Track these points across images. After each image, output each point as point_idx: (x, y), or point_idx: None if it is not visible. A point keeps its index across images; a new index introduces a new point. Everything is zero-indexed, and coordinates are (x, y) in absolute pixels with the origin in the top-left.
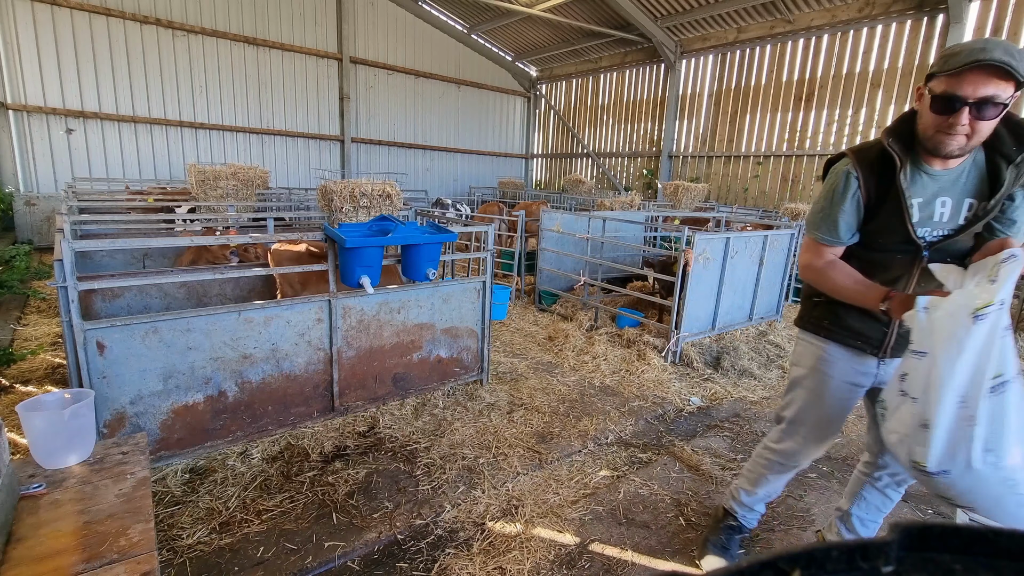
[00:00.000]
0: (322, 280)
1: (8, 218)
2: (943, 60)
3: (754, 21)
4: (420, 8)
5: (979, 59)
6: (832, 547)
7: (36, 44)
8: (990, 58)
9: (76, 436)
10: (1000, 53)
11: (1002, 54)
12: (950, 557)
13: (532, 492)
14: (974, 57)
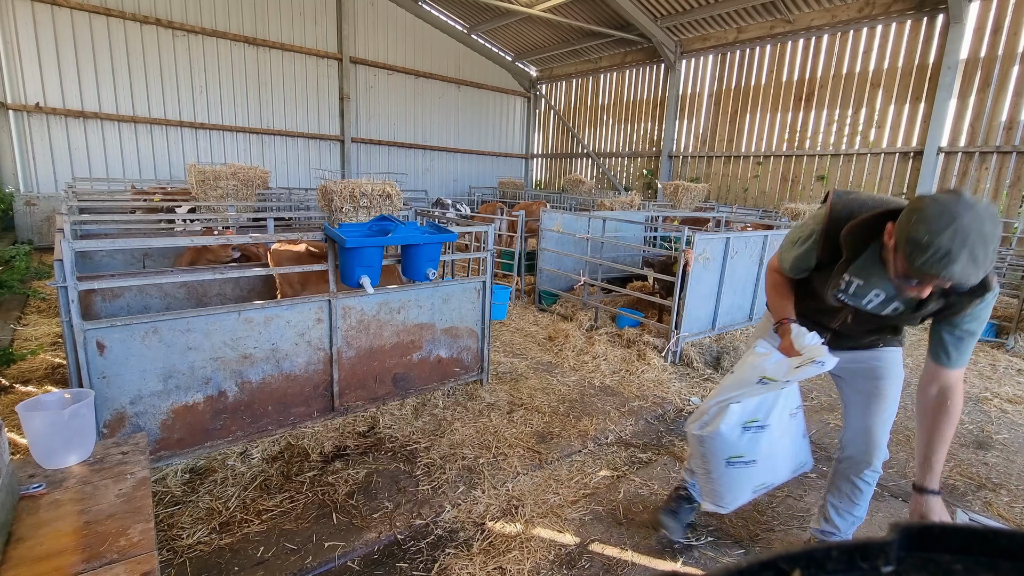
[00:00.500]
0: (322, 280)
1: (8, 218)
2: (909, 246)
3: (754, 21)
4: (420, 8)
5: (940, 275)
6: (832, 547)
7: (36, 44)
8: (950, 277)
9: (76, 436)
10: (960, 269)
11: (962, 270)
12: (950, 557)
13: (532, 492)
14: (936, 272)
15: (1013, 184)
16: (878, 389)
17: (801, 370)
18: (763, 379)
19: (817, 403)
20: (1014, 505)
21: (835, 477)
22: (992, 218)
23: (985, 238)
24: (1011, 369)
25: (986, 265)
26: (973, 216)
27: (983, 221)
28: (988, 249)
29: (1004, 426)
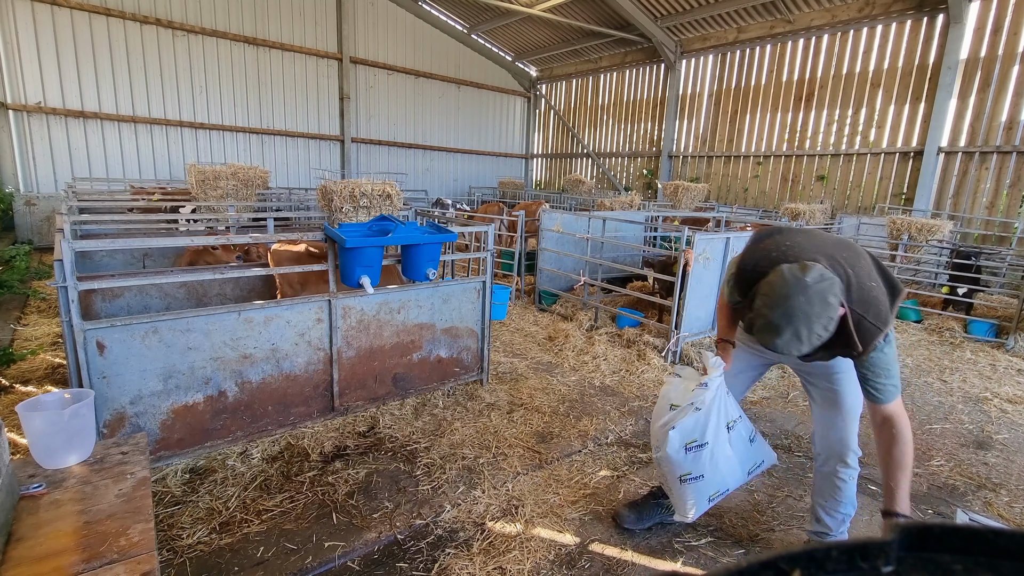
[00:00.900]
0: (322, 280)
1: (8, 218)
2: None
3: (754, 21)
4: (420, 8)
5: (767, 344)
6: (832, 547)
7: (36, 44)
8: (773, 347)
9: (76, 436)
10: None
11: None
12: (950, 557)
13: (532, 492)
14: (763, 340)
15: (1013, 184)
16: (836, 387)
17: (694, 392)
18: (672, 405)
19: None
20: (1014, 505)
21: (816, 477)
22: (821, 299)
23: (809, 319)
24: (1011, 369)
25: (811, 341)
26: (804, 299)
27: (812, 304)
28: (812, 328)
29: (1004, 426)
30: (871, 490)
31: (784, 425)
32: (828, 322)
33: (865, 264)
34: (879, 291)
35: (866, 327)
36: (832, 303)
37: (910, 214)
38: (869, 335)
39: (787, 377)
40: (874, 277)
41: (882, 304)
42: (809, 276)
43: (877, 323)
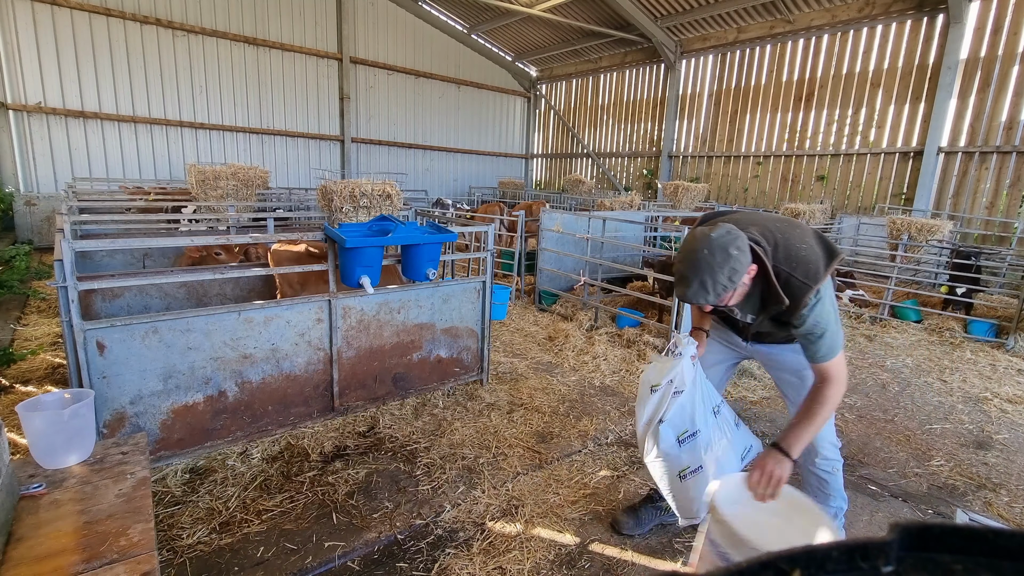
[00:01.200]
0: (322, 280)
1: (8, 218)
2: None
3: (754, 21)
4: (420, 8)
5: (682, 296)
6: (832, 547)
7: (36, 44)
8: (685, 298)
9: (76, 436)
10: (692, 292)
11: (693, 293)
12: (950, 557)
13: (532, 492)
14: (678, 292)
15: (1013, 184)
16: (803, 380)
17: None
18: (652, 387)
19: None
20: (1014, 505)
21: (802, 474)
22: (722, 250)
23: (712, 269)
24: (1011, 369)
25: (716, 290)
26: (708, 251)
27: (714, 254)
28: (716, 278)
29: (1004, 426)
30: (871, 490)
31: (784, 425)
32: (732, 273)
33: (800, 232)
34: (810, 252)
35: (795, 284)
36: (733, 254)
37: (910, 214)
38: (799, 291)
39: None
40: (807, 242)
41: (812, 263)
42: (714, 232)
43: (806, 280)
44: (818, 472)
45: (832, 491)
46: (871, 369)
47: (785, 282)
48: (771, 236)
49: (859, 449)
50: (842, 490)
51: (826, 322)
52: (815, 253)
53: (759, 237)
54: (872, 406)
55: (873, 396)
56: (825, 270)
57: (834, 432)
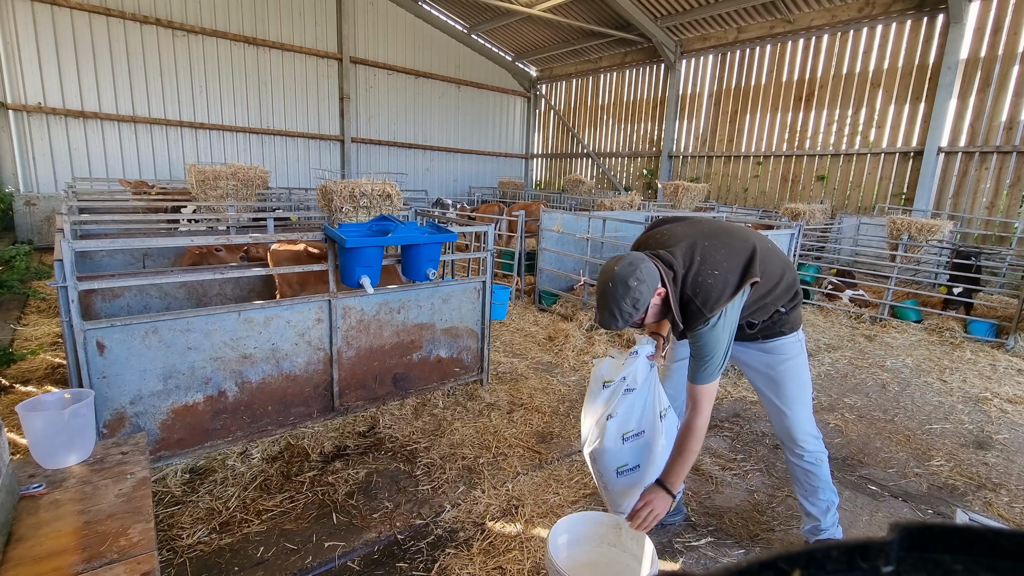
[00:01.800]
0: (321, 280)
1: (8, 218)
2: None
3: (754, 21)
4: (420, 8)
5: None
6: (832, 547)
7: (36, 44)
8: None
9: (76, 436)
10: (603, 319)
11: (604, 320)
12: (950, 557)
13: (532, 492)
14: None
15: (1013, 184)
16: (775, 377)
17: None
18: (604, 383)
19: (816, 403)
20: (1014, 505)
21: (789, 469)
22: (623, 283)
23: (616, 299)
24: (1011, 369)
25: (623, 317)
26: (611, 284)
27: (616, 287)
28: (621, 307)
29: (1004, 426)
30: (871, 490)
31: None
32: (635, 301)
33: (726, 254)
34: (719, 280)
35: (692, 309)
36: (632, 285)
37: (910, 214)
38: (693, 317)
39: None
40: (724, 267)
41: (714, 293)
42: (618, 265)
43: (703, 309)
44: (803, 465)
45: (820, 483)
46: (871, 369)
47: (685, 306)
48: (690, 257)
49: (859, 449)
50: (830, 482)
51: (711, 350)
52: (725, 281)
53: (676, 259)
54: (872, 406)
55: (873, 396)
56: (727, 299)
57: (814, 423)
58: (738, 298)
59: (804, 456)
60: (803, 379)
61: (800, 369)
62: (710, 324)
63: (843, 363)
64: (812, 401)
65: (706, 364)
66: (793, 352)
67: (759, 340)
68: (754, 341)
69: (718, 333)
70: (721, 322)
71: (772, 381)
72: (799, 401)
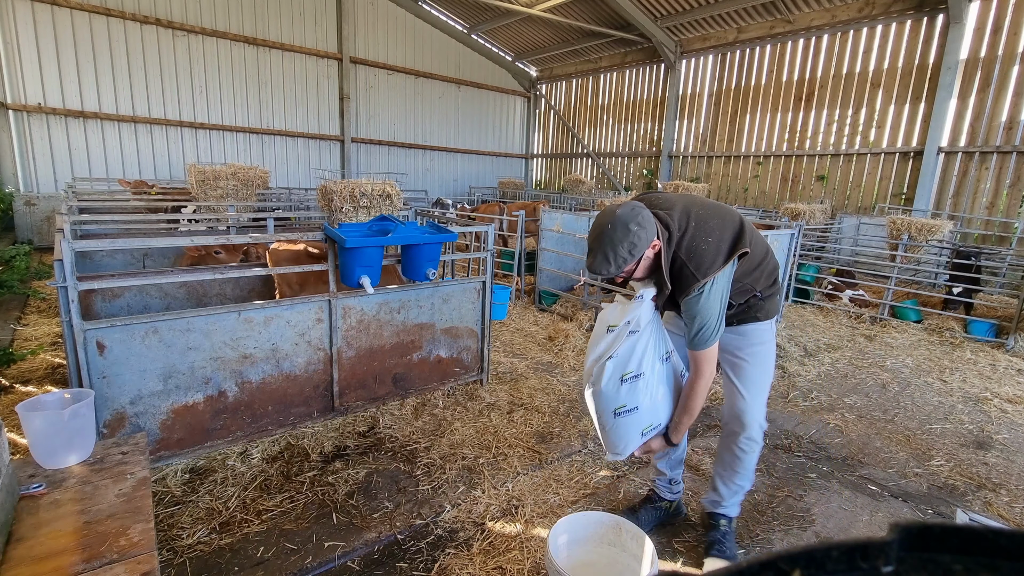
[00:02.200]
0: (321, 280)
1: (8, 218)
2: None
3: (754, 21)
4: (420, 8)
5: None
6: (832, 547)
7: (36, 44)
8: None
9: (76, 436)
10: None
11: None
12: (950, 557)
13: (532, 492)
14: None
15: (1013, 184)
16: (741, 364)
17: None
18: (609, 327)
19: (817, 403)
20: (1014, 505)
21: (719, 446)
22: (623, 226)
23: (613, 242)
24: (1011, 369)
25: (617, 262)
26: (611, 225)
27: (616, 229)
28: (616, 251)
29: (1004, 426)
30: (871, 490)
31: (784, 425)
32: (631, 247)
33: (718, 224)
34: (712, 247)
35: (685, 274)
36: (633, 230)
37: (910, 214)
38: (685, 280)
39: (787, 377)
40: (717, 235)
41: (706, 259)
42: (620, 208)
43: (696, 273)
44: (736, 450)
45: (742, 469)
46: (871, 369)
47: (679, 269)
48: (685, 222)
49: (859, 449)
50: (752, 471)
51: (706, 316)
52: (717, 249)
53: (672, 221)
54: (872, 406)
55: (873, 396)
56: (719, 267)
57: (763, 415)
58: (728, 268)
59: (741, 444)
60: (767, 367)
61: (766, 356)
62: (704, 291)
63: (843, 363)
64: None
65: (702, 330)
66: (763, 339)
67: (733, 324)
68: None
69: (712, 299)
70: (713, 288)
71: (737, 363)
72: (759, 386)
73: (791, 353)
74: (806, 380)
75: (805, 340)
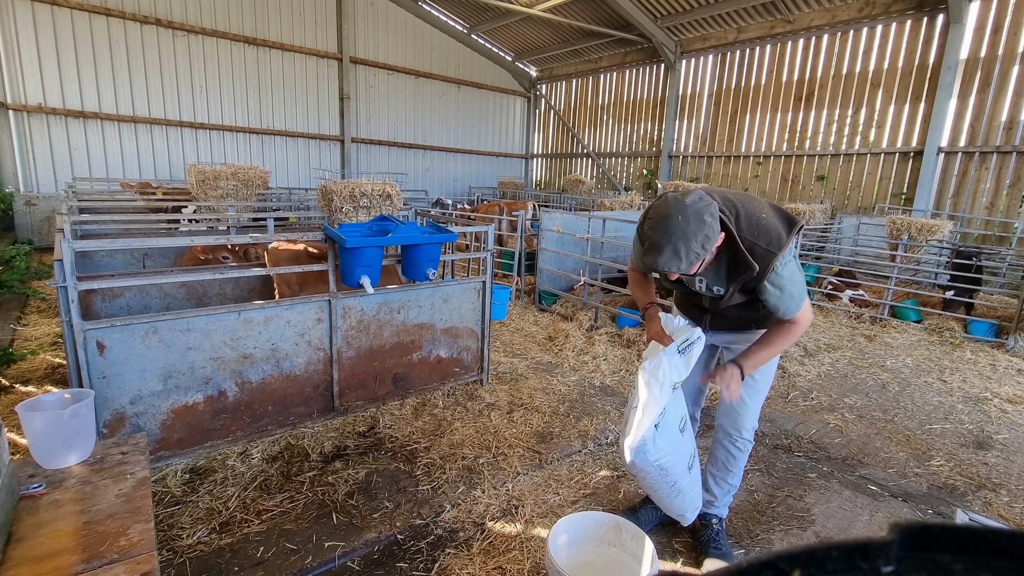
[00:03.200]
0: (321, 280)
1: (8, 218)
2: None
3: (754, 21)
4: (420, 8)
5: (652, 264)
6: (832, 547)
7: (36, 44)
8: (655, 266)
9: (76, 436)
10: (663, 260)
11: (665, 261)
12: (950, 557)
13: (532, 492)
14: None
15: (1013, 184)
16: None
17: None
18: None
19: (817, 403)
20: (1014, 505)
21: (713, 445)
22: (696, 217)
23: (687, 236)
24: (1011, 369)
25: (689, 258)
26: (682, 217)
27: (688, 222)
28: (689, 245)
29: (1004, 426)
30: (871, 490)
31: (784, 425)
32: (705, 240)
33: (758, 204)
34: (771, 222)
35: (759, 252)
36: (707, 221)
37: (910, 214)
38: (764, 259)
39: (787, 377)
40: (766, 212)
41: (773, 232)
42: (688, 198)
43: (770, 248)
44: (731, 449)
45: (734, 468)
46: (871, 369)
47: (750, 250)
48: (732, 207)
49: (859, 449)
50: (742, 471)
51: (792, 284)
52: (775, 222)
53: (724, 207)
54: (872, 406)
55: (873, 396)
56: (788, 237)
57: (757, 417)
58: (793, 240)
59: (736, 443)
60: (769, 373)
61: (772, 364)
62: (785, 262)
63: (843, 363)
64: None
65: (790, 298)
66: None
67: (752, 329)
68: (747, 330)
69: (792, 267)
70: (789, 261)
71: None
72: (759, 393)
73: (791, 353)
74: (806, 380)
75: (805, 340)
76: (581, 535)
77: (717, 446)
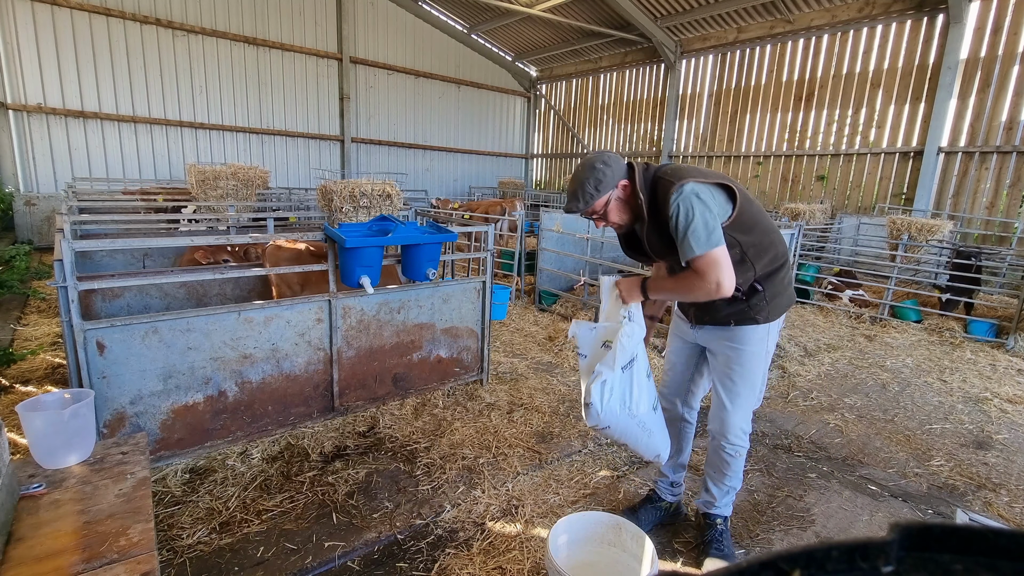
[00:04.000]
0: (320, 280)
1: (8, 218)
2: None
3: (754, 21)
4: (420, 8)
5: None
6: (832, 547)
7: (36, 44)
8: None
9: (76, 436)
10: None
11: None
12: (950, 557)
13: (532, 492)
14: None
15: (1013, 184)
16: (731, 372)
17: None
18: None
19: (817, 403)
20: (1014, 505)
21: (709, 449)
22: (589, 165)
23: (581, 180)
24: (1011, 369)
25: (585, 198)
26: (580, 167)
27: (583, 169)
28: (584, 187)
29: (1004, 426)
30: (871, 490)
31: (784, 425)
32: (597, 183)
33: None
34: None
35: (661, 184)
36: (599, 167)
37: (910, 214)
38: (662, 188)
39: (787, 377)
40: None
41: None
42: (591, 154)
43: (672, 178)
44: (723, 454)
45: (730, 471)
46: (871, 369)
47: (654, 185)
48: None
49: (859, 449)
50: (740, 473)
51: (690, 219)
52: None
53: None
54: (872, 406)
55: (873, 396)
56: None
57: (749, 420)
58: (713, 189)
59: (727, 448)
60: (754, 375)
61: (754, 363)
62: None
63: (843, 363)
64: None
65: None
66: (752, 341)
67: (730, 324)
68: (726, 325)
69: (697, 206)
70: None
71: (727, 376)
72: (742, 396)
73: (791, 353)
74: (806, 380)
75: (805, 340)
76: (581, 535)
77: (711, 450)
